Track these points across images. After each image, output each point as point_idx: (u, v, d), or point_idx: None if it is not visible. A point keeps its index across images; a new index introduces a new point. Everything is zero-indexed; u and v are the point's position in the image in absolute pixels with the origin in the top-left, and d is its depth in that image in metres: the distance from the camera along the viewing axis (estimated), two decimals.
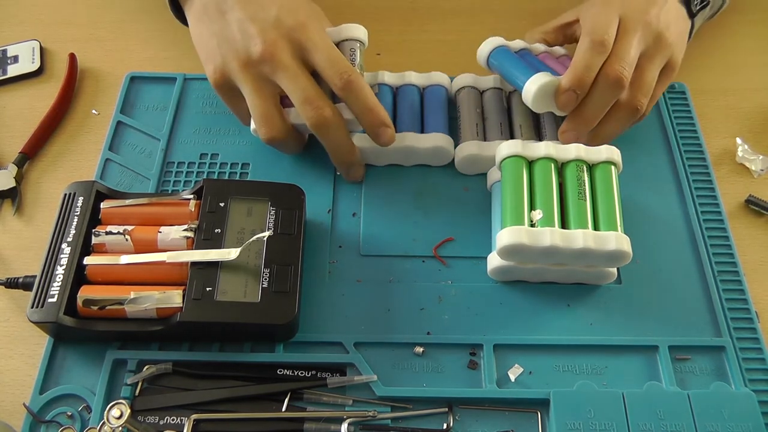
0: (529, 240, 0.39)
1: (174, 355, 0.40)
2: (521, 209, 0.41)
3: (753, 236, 0.47)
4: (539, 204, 0.42)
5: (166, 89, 0.53)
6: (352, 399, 0.39)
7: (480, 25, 0.58)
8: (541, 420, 0.39)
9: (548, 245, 0.39)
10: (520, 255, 0.41)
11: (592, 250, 0.39)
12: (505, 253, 0.40)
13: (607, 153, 0.43)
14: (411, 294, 0.43)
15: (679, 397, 0.38)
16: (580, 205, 0.42)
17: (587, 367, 0.41)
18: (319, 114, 0.42)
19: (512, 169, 0.43)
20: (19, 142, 0.50)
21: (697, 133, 0.51)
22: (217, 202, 0.42)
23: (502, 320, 0.42)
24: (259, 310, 0.39)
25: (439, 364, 0.41)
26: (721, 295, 0.44)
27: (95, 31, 0.57)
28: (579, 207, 0.41)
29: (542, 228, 0.40)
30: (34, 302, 0.39)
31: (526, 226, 0.40)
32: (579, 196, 0.42)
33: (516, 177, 0.42)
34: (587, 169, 0.43)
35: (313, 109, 0.42)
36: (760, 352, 0.41)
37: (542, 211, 0.41)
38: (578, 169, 0.43)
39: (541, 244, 0.39)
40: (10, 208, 0.48)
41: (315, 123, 0.42)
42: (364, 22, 0.54)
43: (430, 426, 0.39)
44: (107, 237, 0.41)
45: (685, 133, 0.51)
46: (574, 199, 0.42)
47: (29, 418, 0.39)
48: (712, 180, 0.49)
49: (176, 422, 0.38)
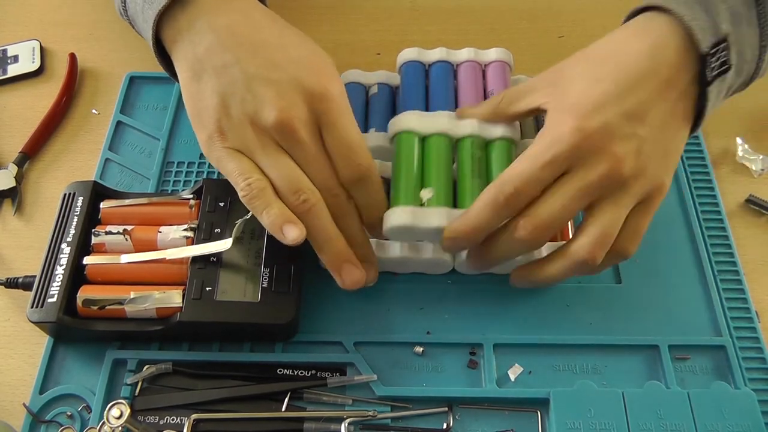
0: (416, 221, 0.37)
1: (174, 355, 0.40)
2: (411, 187, 0.39)
3: (753, 236, 0.47)
4: (431, 182, 0.39)
5: (166, 89, 0.53)
6: (352, 399, 0.39)
7: (480, 25, 0.58)
8: (541, 419, 0.39)
9: (436, 226, 0.37)
10: (409, 235, 0.39)
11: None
12: (392, 233, 0.39)
13: (504, 130, 0.41)
14: (411, 293, 0.43)
15: (679, 397, 0.38)
16: (474, 183, 0.39)
17: (587, 366, 0.41)
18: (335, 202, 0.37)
19: (404, 145, 0.41)
20: (19, 142, 0.50)
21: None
22: (217, 201, 0.42)
23: (502, 320, 0.42)
24: (259, 310, 0.39)
25: (439, 364, 0.41)
26: (721, 294, 0.44)
27: (95, 31, 0.57)
28: (473, 185, 0.39)
29: (431, 208, 0.38)
30: (33, 302, 0.39)
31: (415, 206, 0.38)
32: (472, 174, 0.40)
33: (407, 153, 0.40)
34: (483, 146, 0.41)
35: (328, 195, 0.37)
36: (760, 352, 0.41)
37: (433, 190, 0.39)
38: (473, 146, 0.41)
39: (428, 224, 0.37)
40: (10, 208, 0.48)
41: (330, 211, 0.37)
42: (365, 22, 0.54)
43: (430, 426, 0.39)
44: (107, 237, 0.41)
45: None
46: (468, 178, 0.40)
47: (29, 418, 0.39)
48: (712, 180, 0.49)
49: (176, 422, 0.38)
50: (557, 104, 0.37)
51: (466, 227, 0.36)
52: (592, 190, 0.35)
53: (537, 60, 0.55)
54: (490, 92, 0.47)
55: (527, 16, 0.58)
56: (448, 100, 0.46)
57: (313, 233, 0.37)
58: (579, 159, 0.35)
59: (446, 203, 0.39)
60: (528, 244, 0.36)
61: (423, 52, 0.48)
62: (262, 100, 0.36)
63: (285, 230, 0.36)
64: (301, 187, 0.36)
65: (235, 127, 0.37)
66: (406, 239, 0.41)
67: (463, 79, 0.47)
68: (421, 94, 0.46)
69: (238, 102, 0.37)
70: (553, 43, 0.57)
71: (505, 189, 0.35)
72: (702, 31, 0.35)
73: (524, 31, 0.58)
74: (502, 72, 0.48)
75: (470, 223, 0.36)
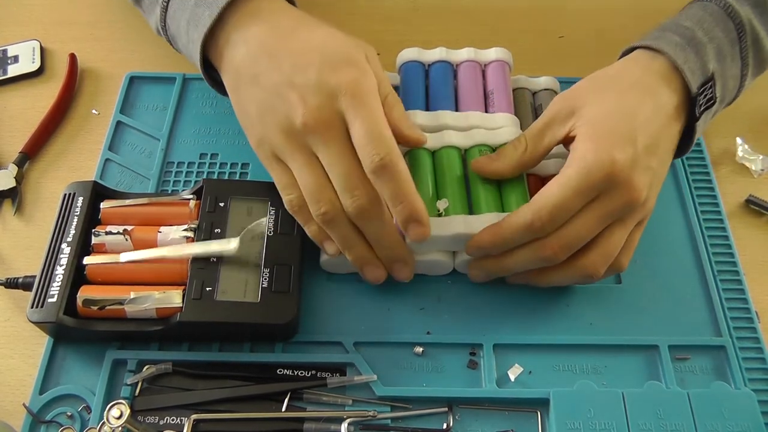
0: (436, 230, 0.39)
1: (174, 355, 0.40)
2: (428, 200, 0.41)
3: (753, 236, 0.47)
4: (446, 193, 0.41)
5: (165, 89, 0.53)
6: (351, 399, 0.39)
7: (480, 25, 0.58)
8: (541, 420, 0.39)
9: (456, 233, 0.40)
10: (430, 244, 0.41)
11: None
12: (413, 244, 0.41)
13: (509, 136, 0.43)
14: (411, 294, 0.43)
15: (679, 397, 0.38)
16: (486, 189, 0.42)
17: (587, 366, 0.41)
18: (358, 204, 0.37)
19: (416, 161, 0.43)
20: (19, 142, 0.50)
21: None
22: (217, 201, 0.42)
23: (502, 320, 0.42)
24: (259, 310, 0.39)
25: (439, 364, 0.41)
26: (721, 294, 0.44)
27: (95, 31, 0.57)
28: (485, 191, 0.42)
29: (449, 217, 0.40)
30: (33, 302, 0.39)
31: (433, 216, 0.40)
32: (483, 180, 0.42)
33: (421, 168, 0.42)
34: (491, 152, 0.43)
35: (351, 197, 0.37)
36: (760, 352, 0.41)
37: (448, 200, 0.41)
38: (481, 154, 0.43)
39: (448, 232, 0.40)
40: (10, 208, 0.48)
41: (354, 213, 0.37)
42: (365, 22, 0.54)
43: (430, 426, 0.39)
44: (107, 237, 0.41)
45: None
46: (479, 185, 0.42)
47: (29, 418, 0.39)
48: (712, 180, 0.49)
49: (176, 422, 0.38)
50: (587, 133, 0.38)
51: (496, 239, 0.38)
52: (614, 215, 0.38)
53: (537, 60, 0.55)
54: (490, 92, 0.47)
55: (527, 16, 0.59)
56: (449, 100, 0.46)
57: (336, 240, 0.39)
58: (607, 187, 0.37)
59: (462, 211, 0.41)
60: (549, 261, 0.39)
61: (423, 52, 0.48)
62: (288, 106, 0.38)
63: (324, 246, 0.40)
64: (320, 198, 0.38)
65: (269, 135, 0.39)
66: (427, 249, 0.41)
67: (463, 79, 0.47)
68: (421, 93, 0.46)
69: (269, 110, 0.39)
70: (553, 43, 0.57)
71: (542, 215, 0.37)
72: (692, 74, 0.40)
73: (524, 31, 0.58)
74: (502, 71, 0.48)
75: (500, 238, 0.38)
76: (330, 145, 0.37)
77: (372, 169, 0.36)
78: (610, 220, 0.38)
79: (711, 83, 0.40)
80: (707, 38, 0.41)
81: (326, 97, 0.37)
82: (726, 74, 0.41)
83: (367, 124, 0.36)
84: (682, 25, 0.41)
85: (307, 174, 0.38)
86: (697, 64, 0.40)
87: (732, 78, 0.42)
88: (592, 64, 0.46)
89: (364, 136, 0.36)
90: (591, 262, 0.39)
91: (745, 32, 0.41)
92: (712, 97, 0.41)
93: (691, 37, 0.40)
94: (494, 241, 0.38)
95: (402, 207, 0.37)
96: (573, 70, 0.54)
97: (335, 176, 0.37)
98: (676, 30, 0.41)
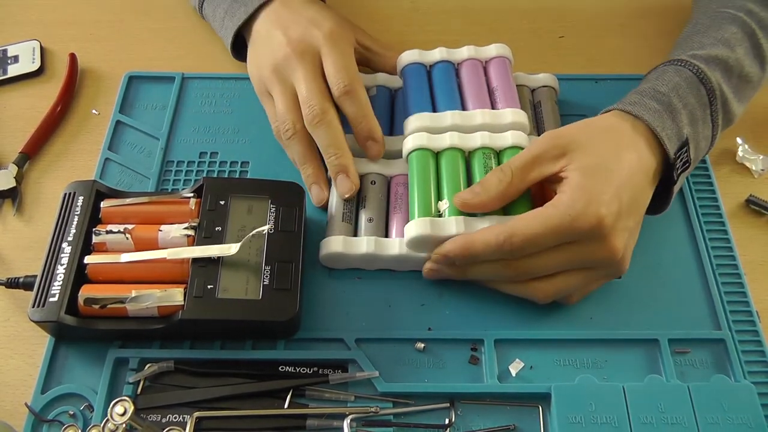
0: (434, 230, 0.40)
1: (176, 353, 0.41)
2: (428, 200, 0.42)
3: (753, 236, 0.47)
4: (446, 194, 0.42)
5: (165, 88, 0.53)
6: (354, 395, 0.39)
7: (480, 25, 0.58)
8: (542, 414, 0.39)
9: (455, 234, 0.40)
10: (428, 245, 0.41)
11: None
12: (412, 244, 0.41)
13: (513, 139, 0.44)
14: (412, 290, 0.44)
15: (679, 390, 0.39)
16: None
17: (588, 361, 0.41)
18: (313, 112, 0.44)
19: (418, 161, 0.43)
20: (19, 142, 0.50)
21: None
22: (218, 200, 0.43)
23: (503, 315, 0.43)
24: (260, 308, 0.39)
25: (441, 360, 0.41)
26: (720, 288, 0.44)
27: (95, 31, 0.57)
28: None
29: (447, 218, 0.41)
30: (35, 302, 0.39)
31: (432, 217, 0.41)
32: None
33: (422, 169, 0.43)
34: (494, 155, 0.43)
35: (308, 107, 0.44)
36: (759, 345, 0.42)
37: (448, 201, 0.41)
38: (485, 156, 0.43)
39: (446, 233, 0.40)
40: (11, 208, 0.48)
41: (308, 120, 0.44)
42: (365, 22, 0.54)
43: (432, 421, 0.39)
44: (108, 236, 0.41)
45: None
46: None
47: (31, 418, 0.39)
48: (712, 180, 0.49)
49: (179, 420, 0.38)
50: (579, 182, 0.39)
51: (465, 253, 0.39)
52: (582, 263, 0.40)
53: (537, 60, 0.55)
54: (494, 88, 0.47)
55: (527, 16, 0.59)
56: (455, 100, 0.46)
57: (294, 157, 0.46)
58: (586, 238, 0.38)
59: (462, 212, 0.41)
60: (506, 278, 0.41)
61: (423, 53, 0.48)
62: (277, 45, 0.47)
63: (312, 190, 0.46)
64: (286, 119, 0.45)
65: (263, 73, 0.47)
66: (425, 249, 0.42)
67: (465, 77, 0.48)
68: (426, 95, 0.47)
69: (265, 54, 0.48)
70: (553, 43, 0.57)
71: (514, 241, 0.38)
72: (669, 140, 0.41)
73: (524, 31, 0.58)
74: (504, 67, 0.48)
75: (469, 252, 0.39)
76: (300, 69, 0.45)
77: (339, 93, 0.44)
78: (579, 266, 0.40)
79: (686, 147, 0.42)
80: (681, 104, 0.42)
81: (309, 36, 0.46)
82: (698, 137, 0.43)
83: (337, 58, 0.45)
84: (659, 91, 0.42)
85: (281, 100, 0.46)
86: (674, 130, 0.42)
87: (704, 139, 0.44)
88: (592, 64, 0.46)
89: (333, 66, 0.45)
90: (542, 289, 0.40)
91: (716, 97, 0.43)
92: (687, 160, 0.42)
93: (668, 104, 0.42)
94: (463, 255, 0.39)
95: (363, 125, 0.45)
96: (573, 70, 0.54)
97: (300, 94, 0.45)
98: (654, 96, 0.42)
